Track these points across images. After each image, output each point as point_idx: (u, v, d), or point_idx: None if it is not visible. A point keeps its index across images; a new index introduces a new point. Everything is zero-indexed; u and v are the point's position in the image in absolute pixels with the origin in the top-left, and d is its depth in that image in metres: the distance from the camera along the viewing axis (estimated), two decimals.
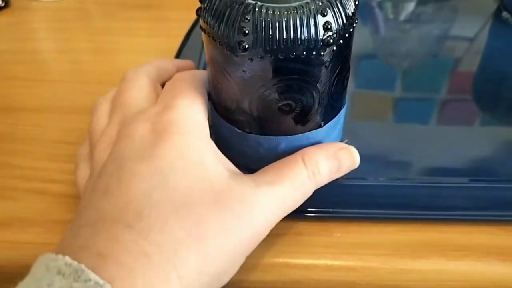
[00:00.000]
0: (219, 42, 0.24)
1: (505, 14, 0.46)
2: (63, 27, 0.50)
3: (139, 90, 0.29)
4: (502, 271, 0.27)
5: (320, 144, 0.27)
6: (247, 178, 0.25)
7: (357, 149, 0.31)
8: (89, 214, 0.23)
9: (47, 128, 0.37)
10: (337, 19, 0.23)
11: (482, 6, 0.49)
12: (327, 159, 0.26)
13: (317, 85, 0.25)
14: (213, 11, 0.24)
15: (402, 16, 0.51)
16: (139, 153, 0.24)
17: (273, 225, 0.25)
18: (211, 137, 0.29)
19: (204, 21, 0.25)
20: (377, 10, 0.51)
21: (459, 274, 0.27)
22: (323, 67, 0.24)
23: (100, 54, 0.46)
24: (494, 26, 0.47)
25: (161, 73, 0.31)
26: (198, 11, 0.25)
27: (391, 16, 0.51)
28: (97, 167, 0.26)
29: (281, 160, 0.26)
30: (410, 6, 0.52)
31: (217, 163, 0.25)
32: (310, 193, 0.26)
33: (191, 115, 0.26)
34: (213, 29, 0.24)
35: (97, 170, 0.25)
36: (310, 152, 0.26)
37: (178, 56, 0.41)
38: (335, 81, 0.26)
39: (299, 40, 0.23)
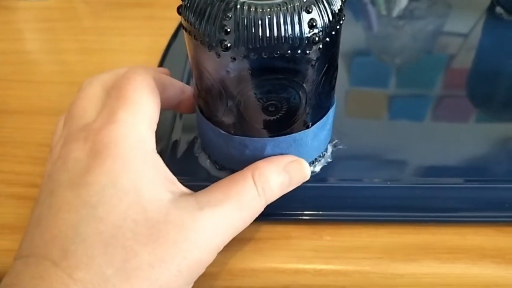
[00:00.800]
0: (201, 41, 0.23)
1: (498, 9, 0.45)
2: (50, 27, 0.49)
3: (88, 100, 0.27)
4: (497, 274, 0.26)
5: (271, 158, 0.26)
6: (191, 200, 0.23)
7: (348, 149, 0.31)
8: (24, 245, 0.22)
9: (31, 130, 0.36)
10: (322, 16, 0.23)
11: (476, 1, 0.48)
12: (278, 174, 0.25)
13: (304, 84, 0.24)
14: (194, 9, 0.23)
15: (395, 12, 0.50)
16: (70, 179, 0.23)
17: (220, 248, 0.24)
18: (195, 140, 0.28)
19: (185, 19, 0.24)
20: (369, 6, 0.50)
21: (453, 278, 0.26)
22: (309, 66, 0.23)
23: (87, 54, 0.45)
24: (488, 22, 0.46)
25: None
26: (179, 9, 0.25)
27: (384, 12, 0.50)
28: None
29: (231, 176, 0.25)
30: (403, 2, 0.51)
31: (156, 187, 0.23)
32: (260, 210, 0.25)
33: (132, 131, 0.24)
34: (194, 27, 0.23)
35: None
36: (261, 167, 0.25)
37: (165, 55, 0.40)
38: (323, 80, 0.25)
39: (283, 38, 0.22)
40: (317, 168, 0.29)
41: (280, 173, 0.25)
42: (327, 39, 0.23)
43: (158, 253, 0.21)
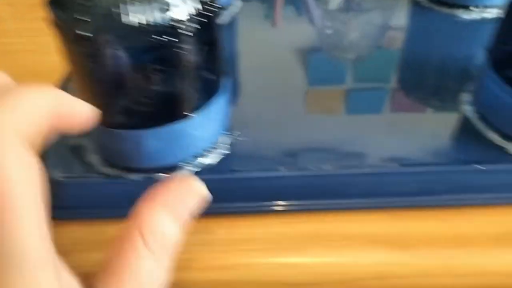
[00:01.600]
0: (64, 33, 0.23)
1: None
2: None
3: None
4: (387, 261, 0.25)
5: (159, 200, 0.20)
6: None
7: (249, 140, 0.30)
8: None
9: None
10: (186, 3, 0.22)
11: None
12: (174, 221, 0.20)
13: (174, 73, 0.23)
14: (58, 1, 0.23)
15: (333, 5, 0.50)
16: None
17: None
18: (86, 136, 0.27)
19: (53, 13, 0.23)
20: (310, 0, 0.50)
21: (343, 266, 0.26)
22: (177, 55, 0.23)
23: (7, 56, 0.44)
24: (413, 10, 0.46)
25: None
26: (47, 4, 0.24)
27: (325, 6, 0.50)
28: None
29: (121, 250, 0.19)
30: None
31: None
32: (166, 275, 0.20)
33: None
34: (59, 20, 0.23)
35: None
36: (151, 224, 0.20)
37: None
38: (198, 69, 0.24)
39: (143, 26, 0.21)
40: (211, 160, 0.28)
41: (176, 215, 0.20)
42: (197, 26, 0.23)
43: None
